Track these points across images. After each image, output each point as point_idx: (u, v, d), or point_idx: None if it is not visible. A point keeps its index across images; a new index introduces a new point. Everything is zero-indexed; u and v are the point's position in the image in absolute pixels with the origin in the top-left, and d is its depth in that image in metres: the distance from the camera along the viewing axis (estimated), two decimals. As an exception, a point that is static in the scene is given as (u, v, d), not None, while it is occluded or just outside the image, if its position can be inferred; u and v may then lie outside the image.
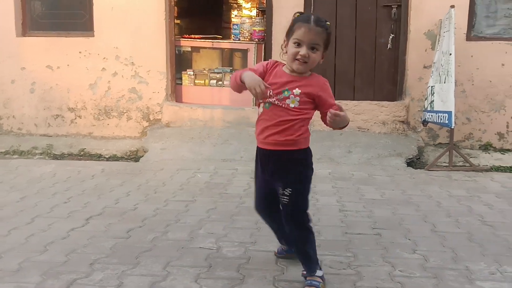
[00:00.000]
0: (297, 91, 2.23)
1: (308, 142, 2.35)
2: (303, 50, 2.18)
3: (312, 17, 2.23)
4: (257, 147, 2.40)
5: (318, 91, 2.26)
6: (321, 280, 2.34)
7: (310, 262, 2.37)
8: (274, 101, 2.24)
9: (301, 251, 2.38)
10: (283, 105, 2.24)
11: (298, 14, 2.30)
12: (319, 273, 2.36)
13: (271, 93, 2.23)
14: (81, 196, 3.94)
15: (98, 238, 3.02)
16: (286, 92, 2.22)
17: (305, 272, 2.38)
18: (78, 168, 4.91)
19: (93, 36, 6.00)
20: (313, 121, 2.41)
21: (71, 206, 3.68)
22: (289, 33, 2.24)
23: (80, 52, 6.02)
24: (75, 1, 6.12)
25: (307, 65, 2.21)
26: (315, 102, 2.28)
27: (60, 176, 4.60)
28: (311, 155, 2.37)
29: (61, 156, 5.64)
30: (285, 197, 2.29)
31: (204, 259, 2.71)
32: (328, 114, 2.15)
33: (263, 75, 2.28)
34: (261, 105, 2.31)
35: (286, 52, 2.26)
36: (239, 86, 2.27)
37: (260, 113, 2.33)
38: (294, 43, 2.20)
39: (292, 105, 2.24)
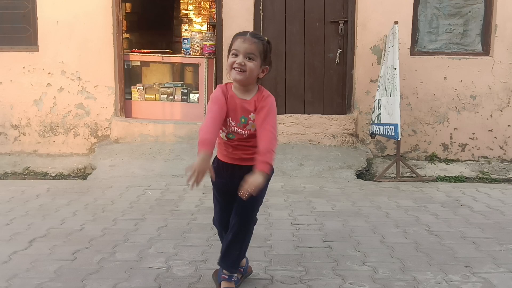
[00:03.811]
0: (252, 116, 2.31)
1: None
2: (239, 59, 2.25)
3: (249, 31, 2.35)
4: (218, 159, 2.47)
5: (259, 108, 2.30)
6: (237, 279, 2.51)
7: (236, 259, 2.45)
8: (236, 130, 2.34)
9: (235, 244, 2.42)
10: (246, 131, 2.34)
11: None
12: (236, 277, 2.50)
13: (231, 122, 2.32)
14: (24, 217, 3.77)
15: (41, 262, 2.89)
16: (243, 119, 2.32)
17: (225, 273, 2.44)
18: (22, 187, 4.71)
19: (38, 50, 5.82)
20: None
21: (13, 228, 3.52)
22: (229, 49, 2.34)
23: (23, 67, 5.82)
24: (18, 15, 5.92)
25: (245, 74, 2.26)
26: None
27: (3, 196, 4.39)
28: None
29: (4, 176, 5.40)
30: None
31: (154, 280, 2.65)
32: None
33: (225, 104, 2.31)
34: (223, 133, 2.38)
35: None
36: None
37: (223, 138, 2.40)
38: (232, 54, 2.29)
39: (252, 129, 2.34)
